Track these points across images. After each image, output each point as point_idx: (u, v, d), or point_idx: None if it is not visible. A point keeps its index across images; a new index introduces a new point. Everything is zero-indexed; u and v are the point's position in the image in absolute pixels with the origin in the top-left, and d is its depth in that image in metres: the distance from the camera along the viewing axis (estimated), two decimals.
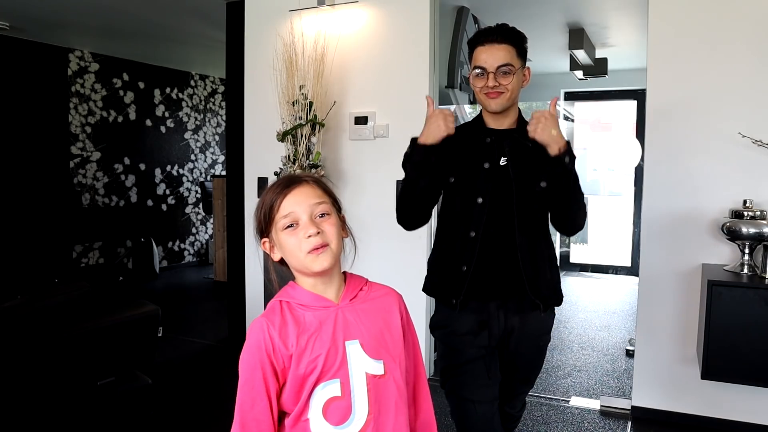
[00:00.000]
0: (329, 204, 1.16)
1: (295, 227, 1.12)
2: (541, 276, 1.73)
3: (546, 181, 1.65)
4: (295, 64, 3.38)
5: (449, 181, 1.74)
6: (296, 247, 1.11)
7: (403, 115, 3.41)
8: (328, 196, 1.17)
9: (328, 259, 1.12)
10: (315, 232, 1.10)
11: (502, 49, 1.67)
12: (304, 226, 1.11)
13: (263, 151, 3.75)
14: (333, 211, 1.16)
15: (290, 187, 1.13)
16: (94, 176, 6.35)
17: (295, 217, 1.12)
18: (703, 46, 2.79)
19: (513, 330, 1.75)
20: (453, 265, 1.73)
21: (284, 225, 1.12)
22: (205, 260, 7.54)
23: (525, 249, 1.70)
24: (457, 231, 1.73)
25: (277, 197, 1.13)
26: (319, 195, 1.15)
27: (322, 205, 1.14)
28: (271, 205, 1.13)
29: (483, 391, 1.73)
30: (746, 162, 2.73)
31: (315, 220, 1.12)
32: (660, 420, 2.93)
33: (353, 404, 1.10)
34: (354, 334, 1.13)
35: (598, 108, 7.46)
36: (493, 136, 1.74)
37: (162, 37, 5.59)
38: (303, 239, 1.11)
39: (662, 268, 2.91)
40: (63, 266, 6.01)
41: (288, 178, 1.17)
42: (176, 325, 4.45)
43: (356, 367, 1.11)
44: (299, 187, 1.14)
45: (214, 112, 7.77)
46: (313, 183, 1.16)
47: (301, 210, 1.12)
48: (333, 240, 1.13)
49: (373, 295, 1.21)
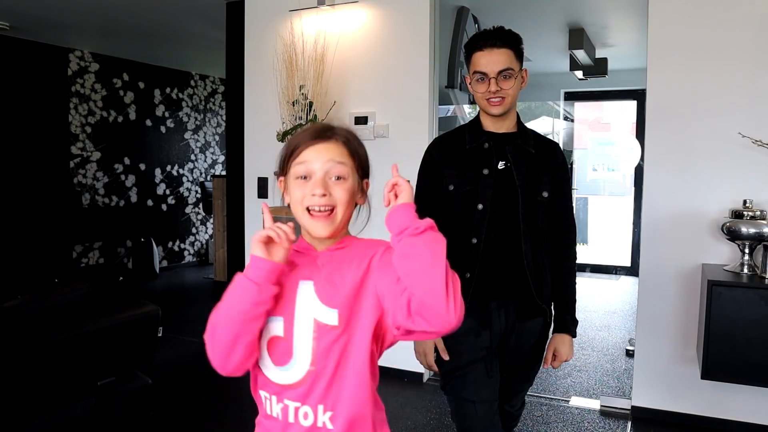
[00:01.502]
0: (350, 168, 1.09)
1: (307, 179, 1.08)
2: (544, 284, 1.76)
3: (548, 192, 1.70)
4: (295, 64, 3.38)
5: (448, 189, 1.74)
6: (300, 199, 1.08)
7: (403, 115, 3.41)
8: (353, 159, 1.11)
9: (327, 227, 1.07)
10: (321, 193, 1.06)
11: (502, 54, 1.67)
12: (315, 183, 1.07)
13: (263, 151, 3.75)
14: (352, 175, 1.10)
15: (318, 139, 1.09)
16: (94, 176, 6.35)
17: (309, 169, 1.08)
18: (703, 46, 2.79)
19: (513, 328, 1.75)
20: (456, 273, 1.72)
21: (297, 173, 1.09)
22: (205, 260, 7.54)
23: (530, 256, 1.71)
24: (459, 238, 1.72)
25: (302, 142, 1.10)
26: (343, 155, 1.09)
27: (339, 167, 1.08)
28: (294, 148, 1.10)
29: (483, 391, 1.73)
30: (746, 162, 2.73)
31: (328, 180, 1.08)
32: (660, 420, 2.93)
33: (294, 348, 1.04)
34: (312, 275, 1.07)
35: (598, 108, 7.47)
36: (492, 140, 1.74)
37: (162, 37, 5.59)
38: (308, 194, 1.07)
39: (662, 268, 2.91)
40: (63, 266, 6.01)
41: (322, 127, 1.13)
42: (176, 325, 4.45)
43: (303, 309, 1.05)
44: (326, 143, 1.09)
45: (214, 112, 7.77)
46: (342, 142, 1.10)
47: (318, 165, 1.07)
48: (340, 205, 1.07)
49: (357, 245, 1.11)
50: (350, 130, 1.15)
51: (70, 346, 2.00)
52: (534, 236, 1.73)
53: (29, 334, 1.90)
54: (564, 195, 1.82)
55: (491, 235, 1.70)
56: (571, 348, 1.81)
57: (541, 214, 1.74)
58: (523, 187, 1.70)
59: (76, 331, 2.02)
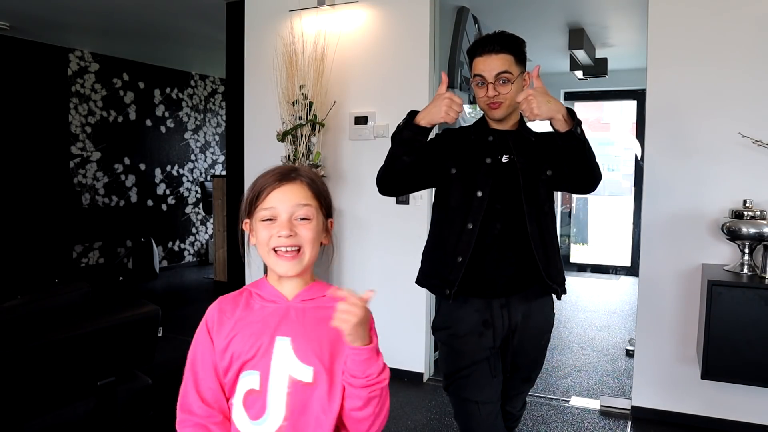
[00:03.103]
0: (314, 208, 1.13)
1: (273, 221, 1.11)
2: (551, 263, 1.75)
3: (552, 170, 1.69)
4: (295, 64, 3.38)
5: (450, 172, 1.75)
6: (266, 240, 1.11)
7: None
8: (317, 200, 1.14)
9: (294, 267, 1.10)
10: (287, 234, 1.09)
11: (499, 59, 1.69)
12: (281, 224, 1.10)
13: (263, 151, 3.75)
14: (317, 215, 1.13)
15: (282, 182, 1.12)
16: (94, 176, 6.35)
17: (274, 213, 1.11)
18: (703, 46, 2.79)
19: (516, 329, 1.76)
20: (448, 256, 1.73)
21: (263, 216, 1.12)
22: (205, 260, 7.54)
23: (537, 237, 1.71)
24: (454, 222, 1.73)
25: (267, 185, 1.13)
26: (307, 197, 1.12)
27: (305, 209, 1.11)
28: (258, 192, 1.13)
29: (487, 391, 1.74)
30: (746, 162, 2.73)
31: (294, 221, 1.11)
32: (660, 420, 2.93)
33: (268, 402, 1.07)
34: (289, 331, 1.09)
35: (598, 108, 7.47)
36: (496, 135, 1.76)
37: (162, 37, 5.59)
38: (275, 235, 1.10)
39: (662, 268, 2.91)
40: (63, 266, 6.00)
41: (285, 169, 1.16)
42: (176, 325, 4.44)
43: (279, 365, 1.07)
44: (290, 185, 1.12)
45: (214, 112, 7.77)
46: (306, 183, 1.14)
47: (283, 208, 1.11)
48: (306, 245, 1.11)
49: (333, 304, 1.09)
50: (313, 171, 1.21)
51: (70, 346, 2.00)
52: (540, 217, 1.73)
53: (29, 334, 1.90)
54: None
55: (497, 225, 1.71)
56: (554, 100, 1.57)
57: (544, 194, 1.75)
58: (525, 168, 1.71)
59: (76, 331, 2.01)
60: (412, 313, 3.41)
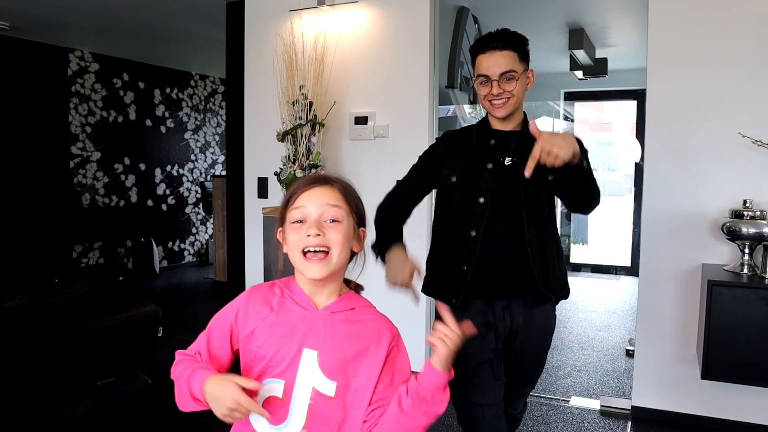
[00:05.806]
0: (345, 211, 1.11)
1: (303, 223, 1.10)
2: (550, 269, 1.74)
3: (554, 175, 1.66)
4: (295, 64, 3.38)
5: (451, 181, 1.74)
6: (295, 243, 1.09)
7: (403, 115, 3.41)
8: (348, 204, 1.12)
9: (322, 269, 1.08)
10: (315, 233, 1.07)
11: (503, 56, 1.67)
12: (309, 224, 1.08)
13: (263, 151, 3.74)
14: (347, 219, 1.11)
15: (313, 184, 1.12)
16: (94, 176, 6.35)
17: (305, 213, 1.10)
18: (703, 46, 2.79)
19: (518, 330, 1.75)
20: (452, 265, 1.73)
21: (293, 218, 1.11)
22: (205, 260, 7.54)
23: (534, 243, 1.70)
24: (457, 230, 1.72)
25: (298, 189, 1.13)
26: (338, 199, 1.11)
27: (334, 209, 1.10)
28: (291, 195, 1.13)
29: (490, 394, 1.73)
30: (746, 162, 2.73)
31: (323, 222, 1.09)
32: (660, 420, 2.92)
33: (291, 412, 1.07)
34: (316, 344, 1.08)
35: (598, 108, 7.47)
36: (498, 137, 1.74)
37: (162, 37, 5.59)
38: (303, 236, 1.08)
39: (662, 268, 2.91)
40: (63, 266, 6.00)
41: (318, 176, 1.16)
42: (176, 325, 4.44)
43: (304, 377, 1.07)
44: (321, 187, 1.12)
45: (214, 112, 7.77)
46: (338, 187, 1.13)
47: (312, 208, 1.09)
48: (336, 247, 1.09)
49: (361, 318, 1.12)
50: (347, 181, 1.18)
51: (70, 346, 2.00)
52: (539, 223, 1.72)
53: (29, 334, 1.90)
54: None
55: (498, 227, 1.69)
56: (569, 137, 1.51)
57: (545, 199, 1.72)
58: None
59: (76, 331, 2.02)
60: (413, 314, 3.41)
